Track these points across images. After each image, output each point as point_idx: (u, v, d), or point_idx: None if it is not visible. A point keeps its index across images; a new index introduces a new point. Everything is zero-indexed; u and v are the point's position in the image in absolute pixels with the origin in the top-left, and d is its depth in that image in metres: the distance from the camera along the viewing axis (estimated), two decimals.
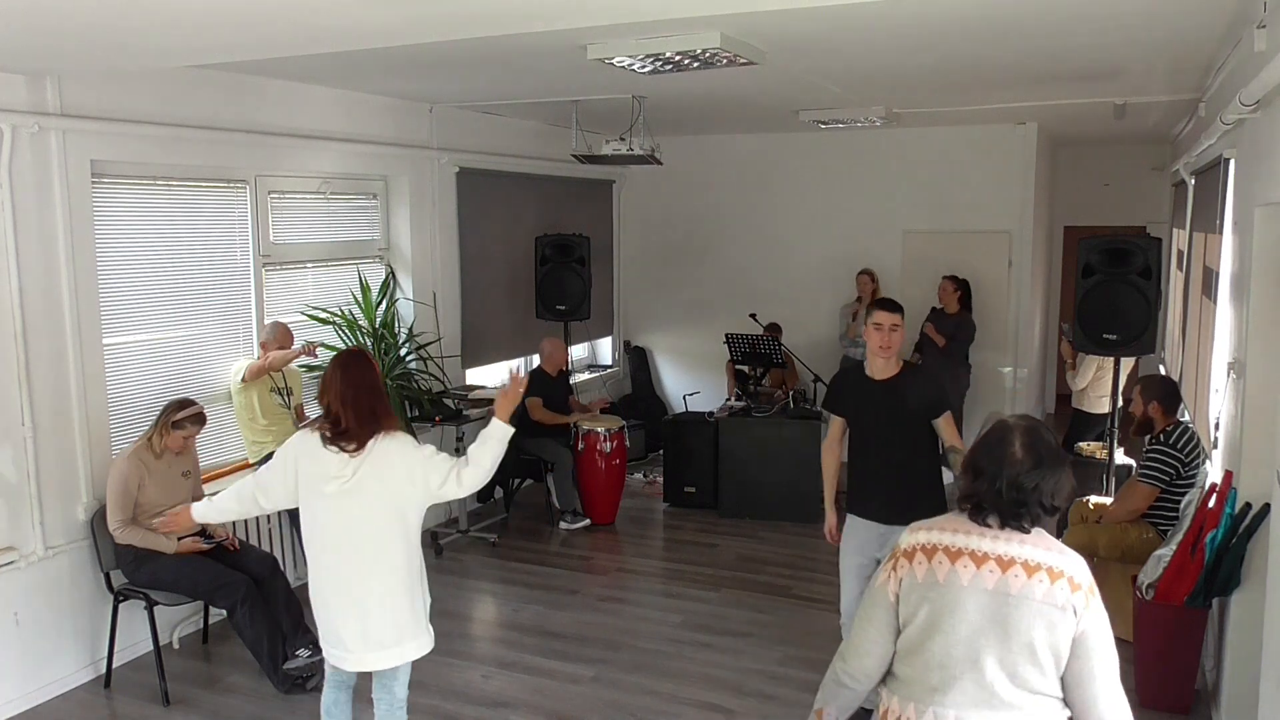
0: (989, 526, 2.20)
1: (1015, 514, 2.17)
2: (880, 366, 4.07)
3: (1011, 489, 2.15)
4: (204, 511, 3.57)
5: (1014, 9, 3.89)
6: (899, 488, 3.99)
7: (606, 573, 6.30)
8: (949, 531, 2.23)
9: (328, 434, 3.26)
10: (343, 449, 3.23)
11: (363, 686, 3.61)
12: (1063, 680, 2.16)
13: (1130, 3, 3.81)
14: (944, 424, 4.08)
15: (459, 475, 3.28)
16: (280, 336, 5.53)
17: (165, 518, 3.85)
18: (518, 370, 3.49)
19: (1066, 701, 2.18)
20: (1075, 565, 2.16)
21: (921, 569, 2.20)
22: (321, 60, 4.67)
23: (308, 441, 3.31)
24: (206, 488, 5.13)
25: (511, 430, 3.35)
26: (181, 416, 4.64)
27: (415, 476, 3.27)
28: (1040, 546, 2.17)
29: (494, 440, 3.32)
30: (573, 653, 5.06)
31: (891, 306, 4.06)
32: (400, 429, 3.34)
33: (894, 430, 4.03)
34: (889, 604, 2.25)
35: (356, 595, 3.27)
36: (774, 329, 8.13)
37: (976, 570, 2.15)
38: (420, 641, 3.39)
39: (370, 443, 3.24)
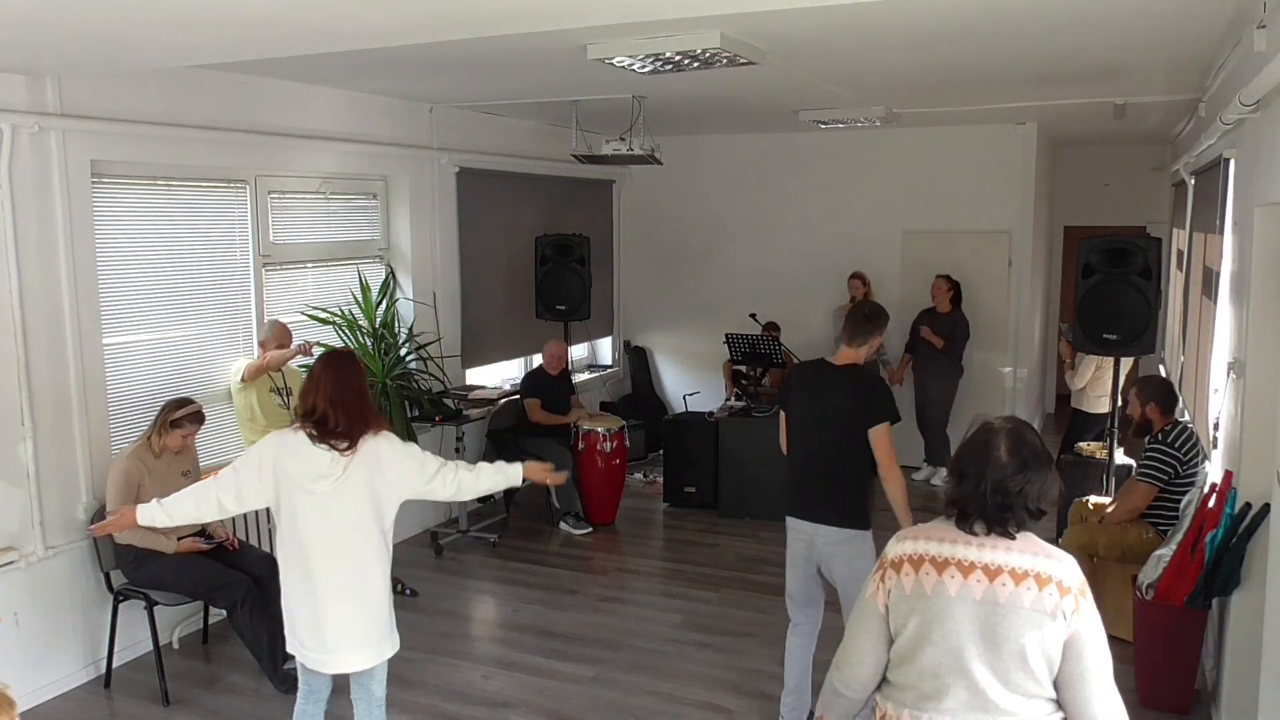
0: (975, 534, 2.18)
1: (1000, 519, 2.14)
2: None
3: (996, 493, 2.12)
4: (151, 514, 3.30)
5: (1014, 9, 3.89)
6: None
7: (606, 573, 6.30)
8: (935, 540, 2.21)
9: (314, 433, 3.28)
10: (334, 447, 3.27)
11: (339, 686, 3.62)
12: (1055, 682, 2.15)
13: (1130, 3, 3.82)
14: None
15: (457, 478, 3.40)
16: (278, 334, 5.52)
17: (105, 521, 3.50)
18: (562, 475, 3.59)
19: (1060, 702, 2.17)
20: (1064, 569, 2.14)
21: (909, 580, 2.18)
22: (321, 60, 4.66)
23: (288, 441, 3.32)
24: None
25: (520, 482, 3.52)
26: (180, 415, 4.64)
27: (404, 473, 3.35)
28: (1028, 552, 2.15)
29: (504, 476, 3.48)
30: (573, 653, 5.06)
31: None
32: (387, 428, 3.40)
33: None
34: (879, 615, 2.24)
35: (345, 594, 3.32)
36: (772, 328, 8.14)
37: (964, 580, 2.13)
38: (393, 640, 3.47)
39: (361, 441, 3.29)
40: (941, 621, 2.14)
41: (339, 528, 3.29)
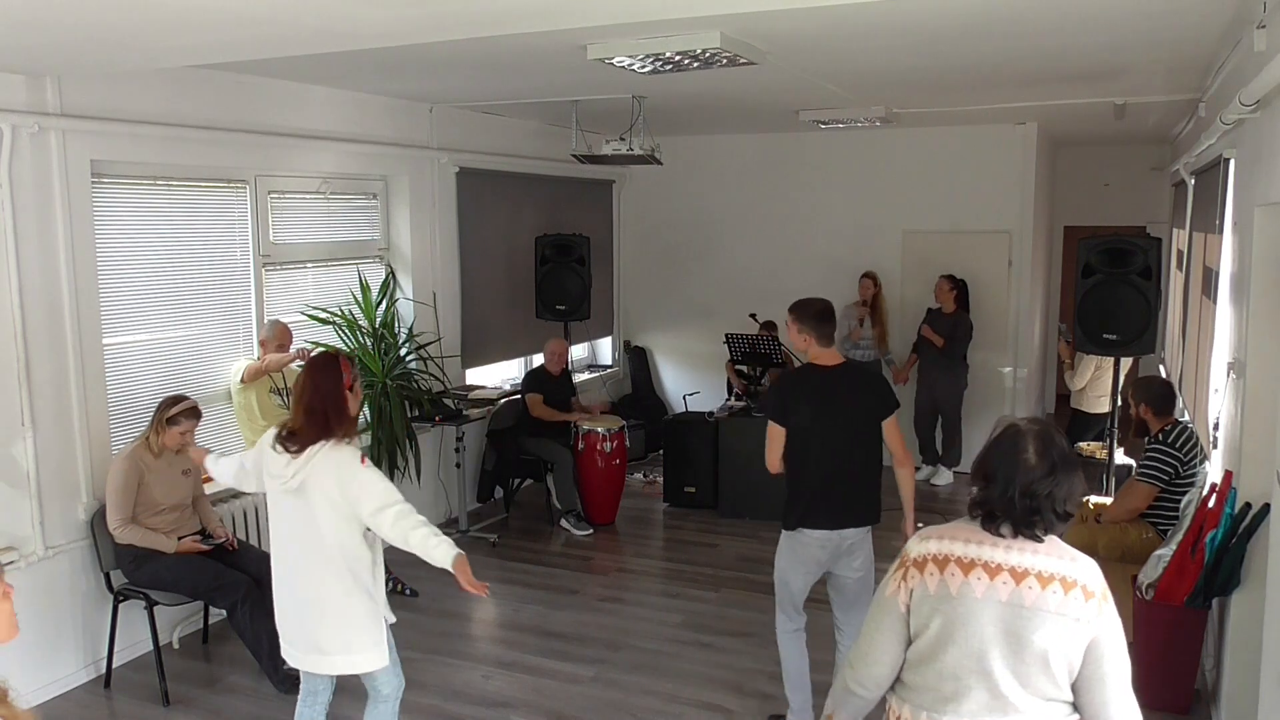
0: (1002, 536, 2.16)
1: (1029, 522, 2.13)
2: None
3: (1025, 497, 2.11)
4: (212, 465, 3.83)
5: (1014, 9, 3.89)
6: None
7: (606, 573, 6.30)
8: (960, 541, 2.18)
9: (282, 433, 3.31)
10: (286, 449, 3.26)
11: (354, 687, 3.61)
12: (1074, 685, 2.14)
13: (1130, 3, 3.82)
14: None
15: (388, 522, 3.20)
16: (279, 335, 5.53)
17: (193, 451, 4.38)
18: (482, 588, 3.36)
19: (1077, 706, 2.16)
20: (1088, 573, 2.13)
21: (933, 580, 2.16)
22: (321, 60, 4.66)
23: (268, 438, 3.38)
24: (207, 487, 5.14)
25: (447, 564, 3.24)
26: (175, 412, 4.64)
27: (348, 493, 3.22)
28: (1054, 555, 2.14)
29: (428, 553, 3.24)
30: (573, 653, 5.06)
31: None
32: (352, 441, 3.30)
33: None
34: (900, 614, 2.21)
35: (300, 597, 3.35)
36: (770, 327, 8.14)
37: (990, 582, 2.11)
38: (370, 655, 3.37)
39: (312, 448, 3.23)
40: (965, 623, 2.12)
41: (293, 531, 3.32)
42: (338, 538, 3.27)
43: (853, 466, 3.90)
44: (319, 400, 3.26)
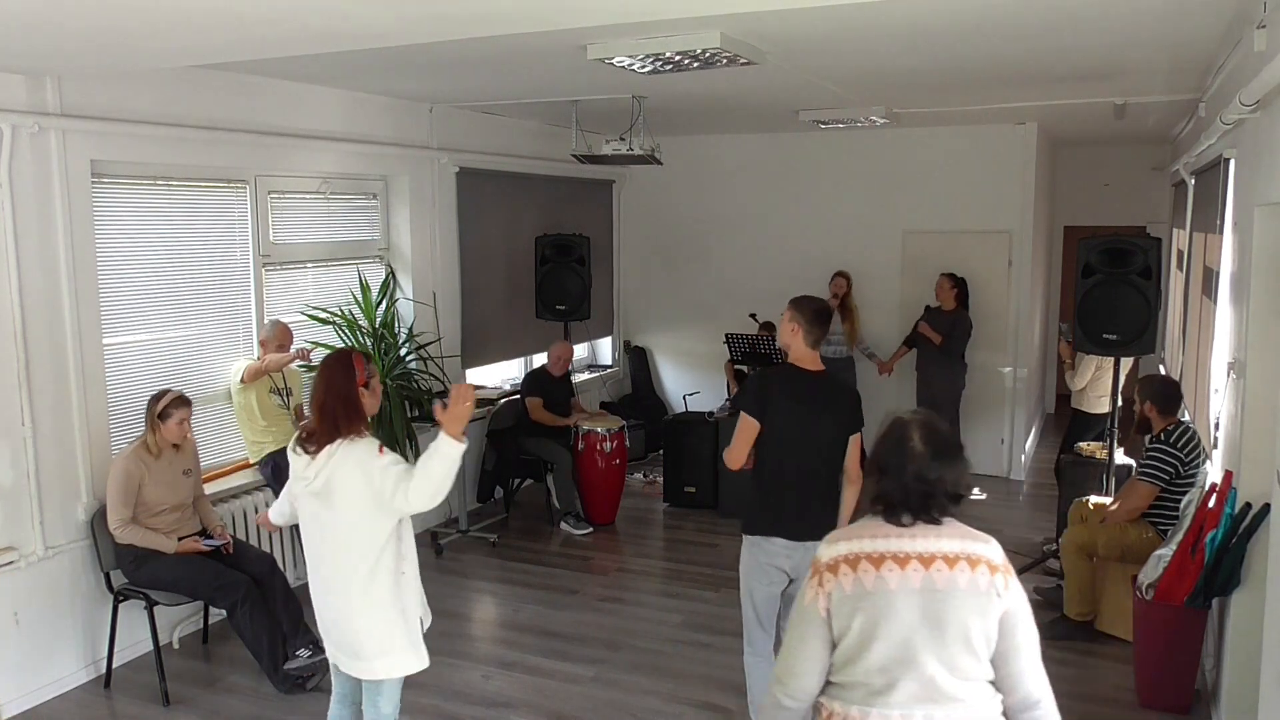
0: (905, 525, 2.24)
1: (925, 506, 2.23)
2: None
3: (917, 481, 2.22)
4: (274, 518, 3.57)
5: (1013, 9, 3.89)
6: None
7: (606, 573, 6.30)
8: (867, 538, 2.25)
9: (302, 435, 3.28)
10: (306, 450, 3.24)
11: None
12: (991, 660, 2.22)
13: (1130, 3, 3.82)
14: None
15: (406, 489, 3.12)
16: (279, 335, 5.53)
17: (259, 517, 3.85)
18: (463, 384, 3.21)
19: (995, 678, 2.24)
20: (989, 548, 2.23)
21: (848, 580, 2.21)
22: (321, 60, 4.67)
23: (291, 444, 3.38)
24: (207, 487, 5.14)
25: (463, 447, 3.10)
26: (164, 404, 4.63)
27: (373, 484, 3.16)
28: (956, 536, 2.23)
29: (439, 455, 3.11)
30: (573, 653, 5.06)
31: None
32: (366, 434, 3.26)
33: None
34: (821, 620, 2.25)
35: (333, 599, 3.30)
36: (769, 327, 8.14)
37: (901, 572, 2.18)
38: (405, 658, 3.30)
39: (330, 447, 3.20)
40: (887, 616, 2.18)
41: (324, 534, 3.27)
42: (361, 538, 3.21)
43: (823, 476, 3.81)
44: (331, 398, 3.22)
